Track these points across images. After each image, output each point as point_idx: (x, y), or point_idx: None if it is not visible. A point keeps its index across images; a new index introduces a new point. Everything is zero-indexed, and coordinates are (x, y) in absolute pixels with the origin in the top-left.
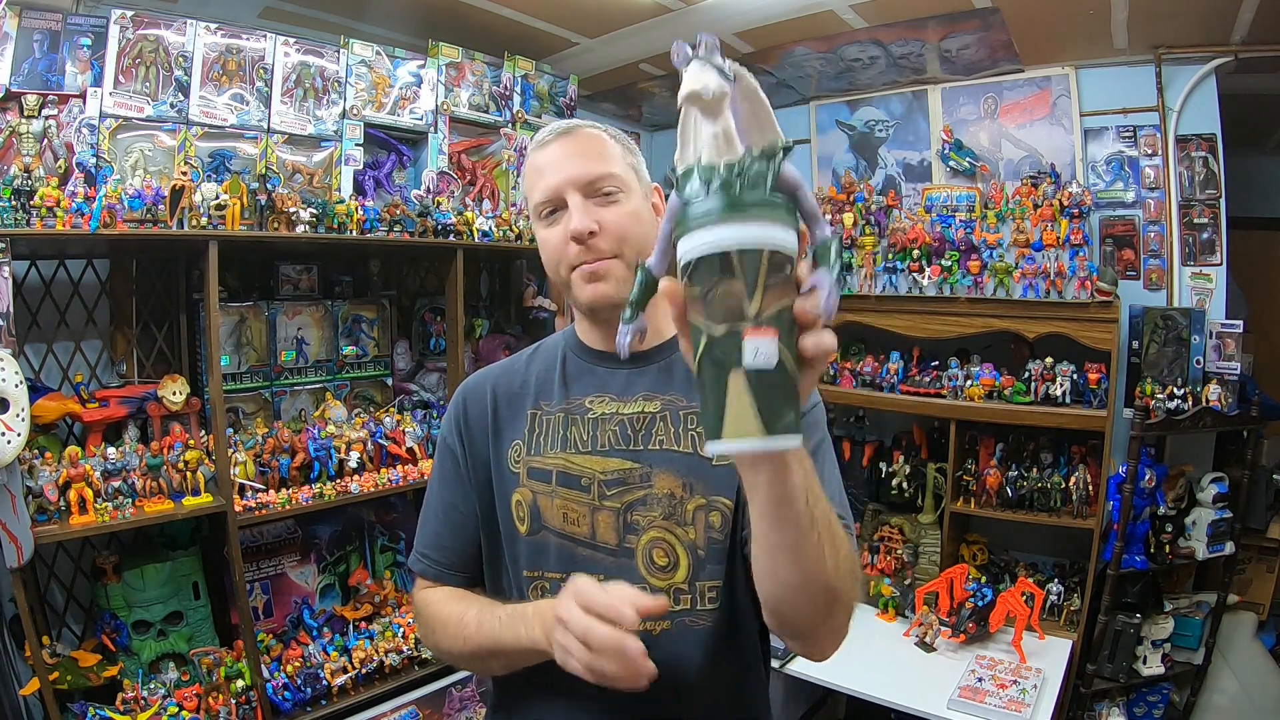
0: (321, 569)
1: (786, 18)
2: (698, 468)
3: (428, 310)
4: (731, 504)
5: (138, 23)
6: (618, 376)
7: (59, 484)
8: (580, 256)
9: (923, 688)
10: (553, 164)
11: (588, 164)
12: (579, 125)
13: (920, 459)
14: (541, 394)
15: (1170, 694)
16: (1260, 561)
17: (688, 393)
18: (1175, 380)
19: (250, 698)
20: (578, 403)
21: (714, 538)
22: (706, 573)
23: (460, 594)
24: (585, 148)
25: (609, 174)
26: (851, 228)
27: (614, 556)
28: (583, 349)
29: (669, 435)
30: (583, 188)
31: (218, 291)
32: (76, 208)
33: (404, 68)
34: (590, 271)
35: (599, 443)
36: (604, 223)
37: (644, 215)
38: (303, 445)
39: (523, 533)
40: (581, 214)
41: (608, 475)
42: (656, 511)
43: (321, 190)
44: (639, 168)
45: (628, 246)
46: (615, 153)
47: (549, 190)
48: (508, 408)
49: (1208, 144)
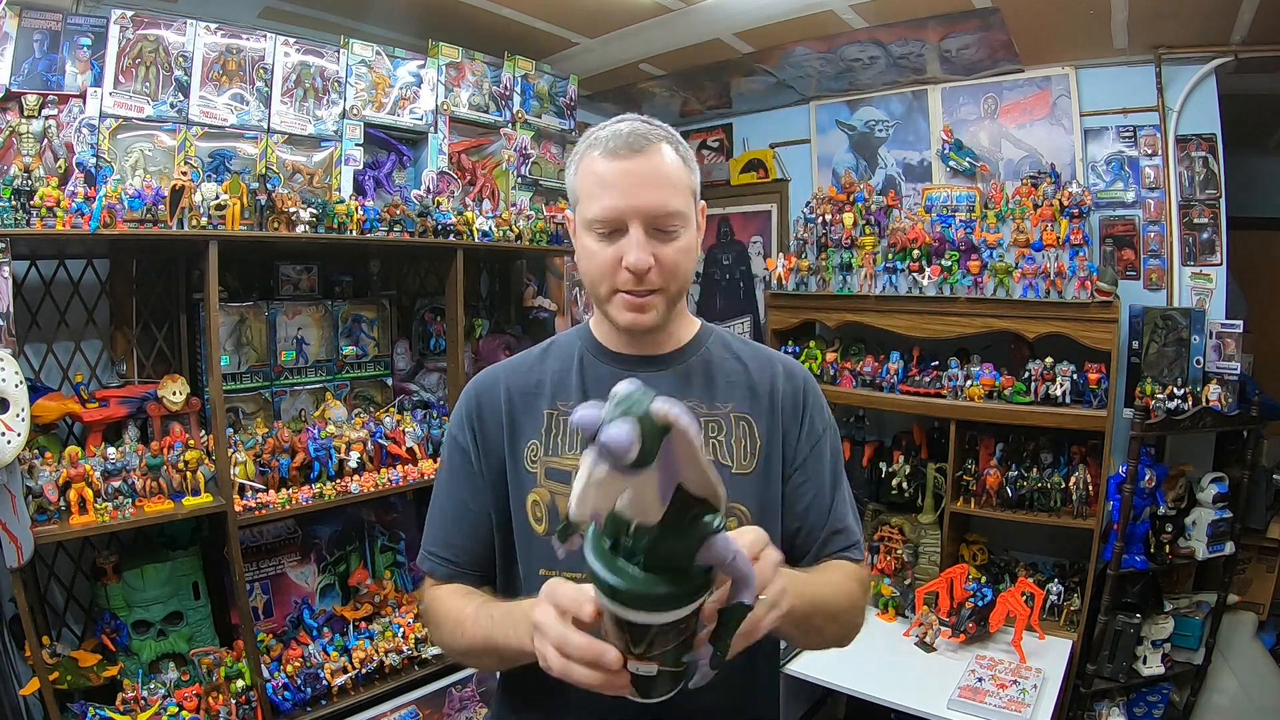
0: (321, 569)
1: (786, 18)
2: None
3: (428, 310)
4: (749, 511)
5: (138, 23)
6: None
7: (59, 484)
8: (630, 284)
9: (923, 688)
10: (621, 184)
11: (658, 195)
12: (653, 141)
13: (920, 459)
14: (558, 394)
15: (1170, 694)
16: (1260, 561)
17: (706, 399)
18: (1175, 380)
19: (250, 698)
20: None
21: None
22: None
23: (465, 590)
24: (658, 175)
25: (675, 211)
26: (851, 228)
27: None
28: (601, 350)
29: None
30: (647, 221)
31: (218, 291)
32: (76, 208)
33: (404, 68)
34: (635, 303)
35: None
36: (660, 259)
37: (694, 249)
38: (303, 445)
39: (540, 532)
40: (641, 249)
41: None
42: None
43: (321, 190)
44: (696, 188)
45: (675, 282)
46: (683, 181)
47: (612, 212)
48: (523, 406)
49: (1208, 144)
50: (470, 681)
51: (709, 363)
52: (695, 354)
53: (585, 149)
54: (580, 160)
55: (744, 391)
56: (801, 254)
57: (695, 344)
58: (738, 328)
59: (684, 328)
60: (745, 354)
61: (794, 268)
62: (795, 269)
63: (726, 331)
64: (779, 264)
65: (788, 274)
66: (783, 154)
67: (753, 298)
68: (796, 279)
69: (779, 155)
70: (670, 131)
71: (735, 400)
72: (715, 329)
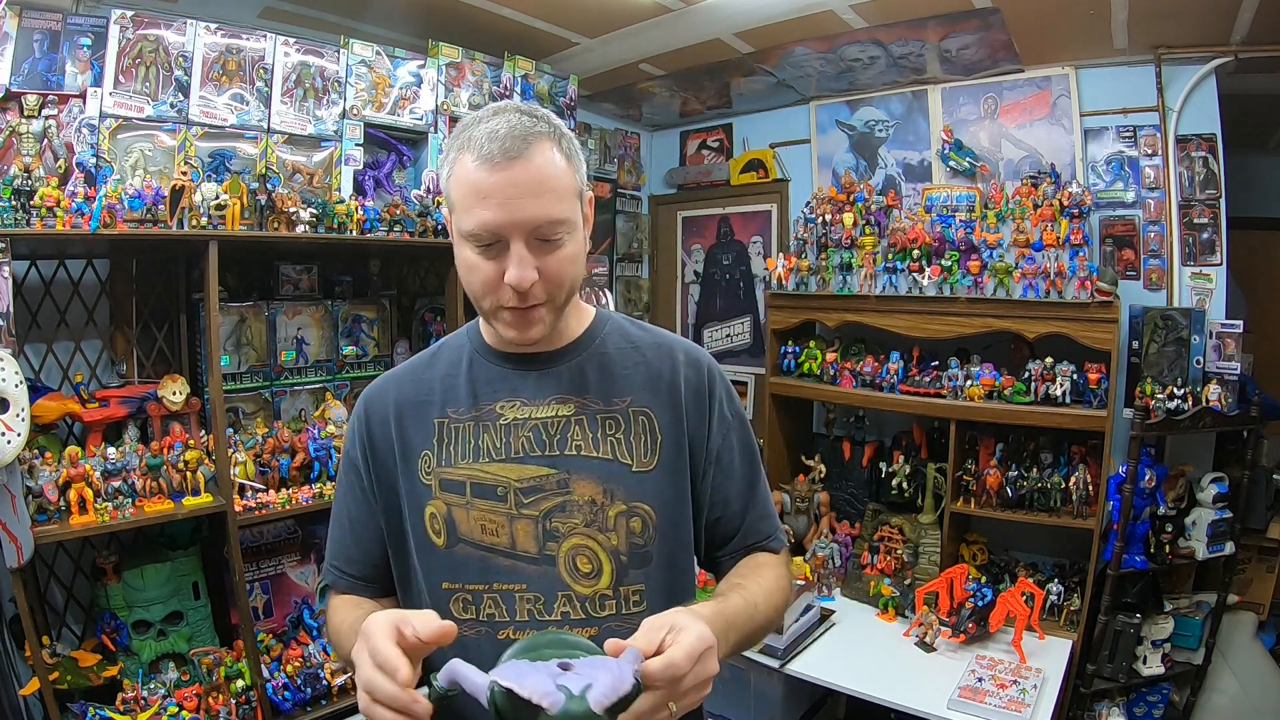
0: (321, 569)
1: (786, 18)
2: (617, 474)
3: (428, 310)
4: (652, 510)
5: (138, 23)
6: (528, 379)
7: (59, 484)
8: (513, 300)
9: (923, 688)
10: (498, 196)
11: (539, 207)
12: (530, 146)
13: (920, 459)
14: (448, 400)
15: (1170, 694)
16: (1260, 561)
17: (602, 395)
18: (1175, 380)
19: (250, 698)
20: (488, 408)
21: (636, 542)
22: (630, 578)
23: (356, 602)
24: (539, 182)
25: (558, 219)
26: (851, 228)
27: (535, 564)
28: (490, 351)
29: (586, 441)
30: (529, 234)
31: (218, 291)
32: (76, 208)
33: (404, 68)
34: (521, 318)
35: (513, 449)
36: (544, 271)
37: (580, 254)
38: (303, 445)
39: (440, 545)
40: (523, 266)
41: (524, 483)
42: (577, 518)
43: (321, 190)
44: (582, 182)
45: (561, 290)
46: (566, 184)
47: (489, 226)
48: (413, 416)
49: (1208, 144)
50: None
51: (604, 355)
52: (589, 347)
53: (457, 151)
54: (454, 164)
55: (642, 383)
56: (801, 254)
57: (589, 337)
58: (738, 328)
59: (575, 321)
60: (644, 342)
61: (794, 268)
62: (795, 269)
63: (625, 319)
64: (779, 264)
65: (788, 274)
66: (783, 154)
67: (753, 298)
68: (796, 279)
69: (779, 155)
70: (552, 123)
71: (633, 393)
72: (611, 316)
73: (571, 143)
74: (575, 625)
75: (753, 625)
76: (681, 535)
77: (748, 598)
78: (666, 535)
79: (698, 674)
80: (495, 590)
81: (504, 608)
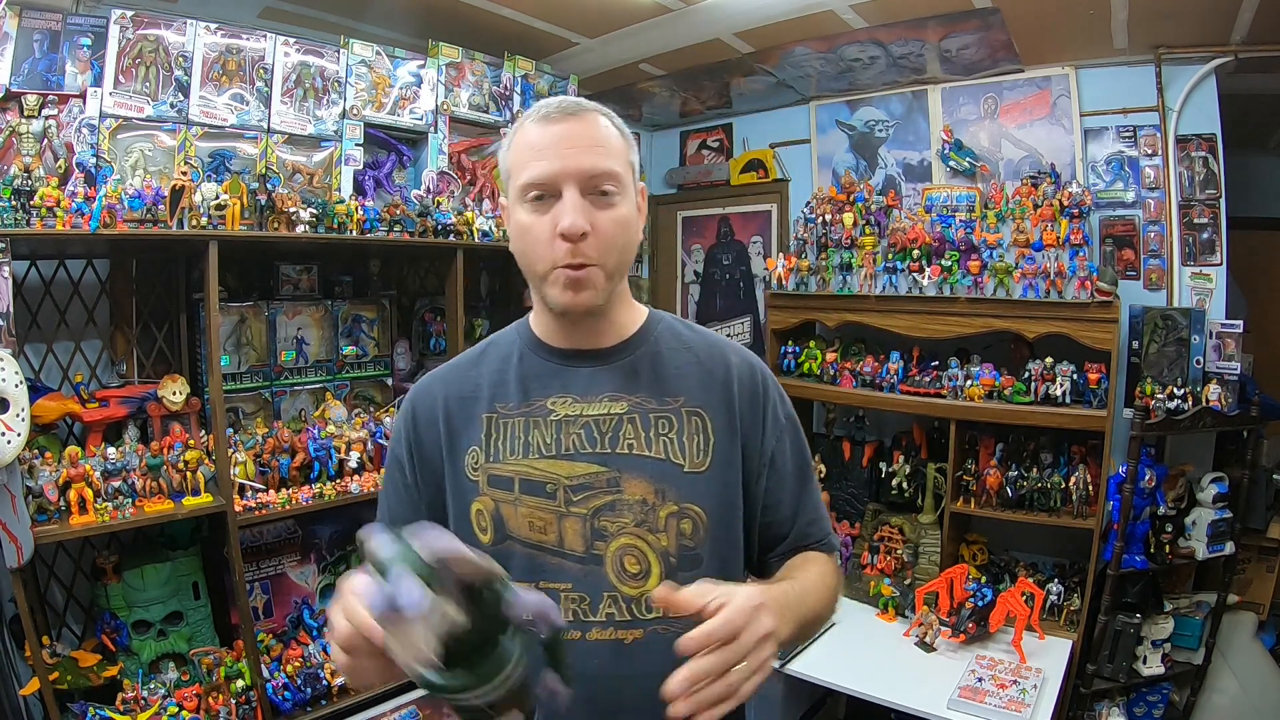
0: (321, 569)
1: (786, 18)
2: (670, 474)
3: (428, 310)
4: (703, 512)
5: (138, 23)
6: (579, 375)
7: (59, 484)
8: (566, 257)
9: (923, 688)
10: (553, 147)
11: (592, 156)
12: (586, 107)
13: (920, 459)
14: (497, 396)
15: (1170, 694)
16: (1260, 561)
17: (655, 394)
18: (1175, 380)
19: (250, 698)
20: (539, 404)
21: (685, 544)
22: (679, 579)
23: None
24: (592, 136)
25: (612, 171)
26: (851, 228)
27: (582, 564)
28: (541, 346)
29: (639, 439)
30: (582, 182)
31: (218, 291)
32: (76, 208)
33: (404, 68)
34: (573, 278)
35: (564, 446)
36: (597, 226)
37: (633, 223)
38: (303, 445)
39: (486, 542)
40: (576, 212)
41: (574, 480)
42: (627, 518)
43: (321, 190)
44: (636, 165)
45: (612, 255)
46: (619, 147)
47: (544, 175)
48: (460, 413)
49: (1208, 144)
50: None
51: (657, 354)
52: (642, 346)
53: (516, 127)
54: (513, 137)
55: (696, 383)
56: (801, 254)
57: (642, 335)
58: (738, 328)
59: (628, 317)
60: (696, 343)
61: (794, 268)
62: (795, 269)
63: (676, 319)
64: (779, 264)
65: (788, 274)
66: (783, 154)
67: (753, 298)
68: (796, 279)
69: (779, 155)
70: (605, 110)
71: (686, 393)
72: (664, 317)
73: (625, 128)
74: (620, 627)
75: (805, 608)
76: (732, 538)
77: (797, 585)
78: (717, 538)
79: (753, 631)
80: (541, 589)
81: None
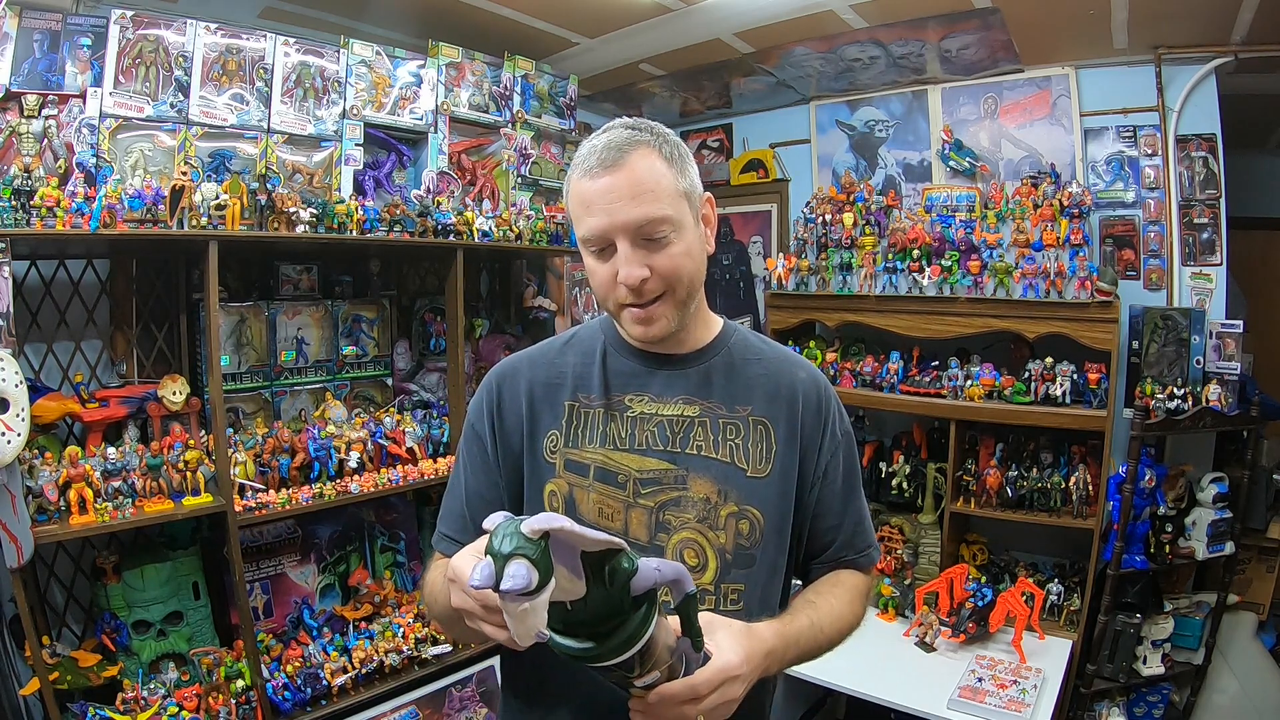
0: (321, 569)
1: (786, 18)
2: (733, 477)
3: (428, 310)
4: (761, 515)
5: (138, 23)
6: (658, 377)
7: (59, 484)
8: (629, 298)
9: (923, 688)
10: (600, 202)
11: (638, 207)
12: (628, 155)
13: (920, 459)
14: (580, 386)
15: (1170, 694)
16: (1260, 561)
17: (726, 401)
18: (1175, 380)
19: (250, 698)
20: (618, 399)
21: (741, 544)
22: (731, 576)
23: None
24: (636, 185)
25: (660, 217)
26: (851, 228)
27: (644, 553)
28: (623, 345)
29: (708, 442)
30: (632, 234)
31: (218, 291)
32: (76, 208)
33: (404, 68)
34: (641, 316)
35: (637, 441)
36: (655, 268)
37: (695, 250)
38: (303, 445)
39: None
40: (630, 264)
41: (644, 474)
42: (690, 514)
43: (321, 190)
44: (691, 189)
45: (680, 285)
46: (666, 186)
47: (595, 232)
48: (544, 397)
49: (1208, 144)
50: (470, 681)
51: (730, 363)
52: (717, 354)
53: (571, 172)
54: (569, 184)
55: (764, 394)
56: (801, 254)
57: (718, 344)
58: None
59: (704, 328)
60: (767, 355)
61: (794, 268)
62: (795, 269)
63: (750, 332)
64: (779, 264)
65: (787, 274)
66: (783, 154)
67: (753, 298)
68: (796, 279)
69: (779, 155)
70: (655, 131)
71: (755, 403)
72: (738, 328)
73: (676, 148)
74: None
75: (814, 645)
76: (784, 542)
77: (814, 619)
78: (771, 541)
79: (714, 699)
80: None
81: None
